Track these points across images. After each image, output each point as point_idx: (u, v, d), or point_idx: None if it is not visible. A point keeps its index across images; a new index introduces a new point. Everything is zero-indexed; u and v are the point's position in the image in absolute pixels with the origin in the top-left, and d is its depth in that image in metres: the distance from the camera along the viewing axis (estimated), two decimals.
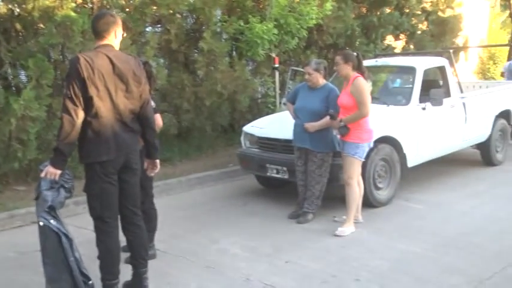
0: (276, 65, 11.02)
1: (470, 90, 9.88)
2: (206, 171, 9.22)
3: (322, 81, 6.69)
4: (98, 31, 4.34)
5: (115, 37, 4.36)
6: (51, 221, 4.14)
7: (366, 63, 8.84)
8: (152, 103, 4.81)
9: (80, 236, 4.58)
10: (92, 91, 4.08)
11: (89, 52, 4.31)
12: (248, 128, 8.08)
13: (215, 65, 10.17)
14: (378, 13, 13.75)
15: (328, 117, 6.38)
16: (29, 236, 5.72)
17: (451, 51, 9.63)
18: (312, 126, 6.52)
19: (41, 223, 4.13)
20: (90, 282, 4.31)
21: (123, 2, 9.13)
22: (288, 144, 7.08)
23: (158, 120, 5.28)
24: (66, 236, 4.19)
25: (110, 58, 4.20)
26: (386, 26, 13.72)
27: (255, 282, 4.93)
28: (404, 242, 5.85)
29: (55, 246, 4.17)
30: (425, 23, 15.39)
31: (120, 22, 4.44)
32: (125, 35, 4.64)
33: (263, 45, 10.28)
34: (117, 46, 4.40)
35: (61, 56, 8.48)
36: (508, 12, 23.78)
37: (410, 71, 8.21)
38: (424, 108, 7.73)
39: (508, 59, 13.56)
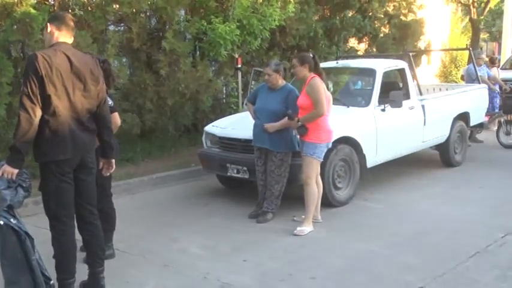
0: (239, 66, 11.05)
1: (430, 93, 10.03)
2: (168, 170, 9.20)
3: (281, 82, 6.74)
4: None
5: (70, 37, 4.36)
6: (11, 220, 4.08)
7: (327, 64, 8.96)
8: (110, 101, 4.80)
9: (39, 236, 4.52)
10: (50, 89, 4.05)
11: (47, 50, 4.27)
12: (209, 128, 8.08)
13: (178, 64, 10.15)
14: (341, 16, 13.85)
15: (286, 118, 6.44)
16: None
17: (411, 54, 9.78)
18: (272, 126, 6.57)
19: (1, 222, 4.06)
20: (51, 282, 4.28)
21: (85, 1, 9.04)
22: (249, 144, 7.11)
23: (116, 119, 5.24)
24: (28, 235, 4.14)
25: (67, 56, 4.17)
26: (348, 28, 13.83)
27: (213, 280, 4.95)
28: (362, 241, 5.92)
29: (15, 246, 4.10)
30: (388, 26, 15.57)
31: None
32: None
33: (226, 46, 10.28)
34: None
35: (21, 54, 8.38)
36: (468, 17, 24.23)
37: (370, 72, 8.31)
38: (383, 110, 7.83)
39: (468, 63, 13.81)
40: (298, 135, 6.34)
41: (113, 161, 4.67)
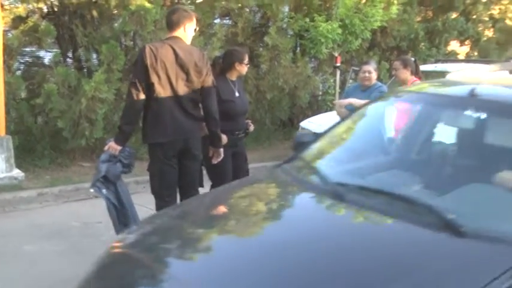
0: (338, 64, 11.17)
1: None
2: (263, 162, 9.45)
3: (374, 81, 6.81)
4: (169, 23, 4.72)
5: (184, 31, 4.68)
6: (103, 190, 4.53)
7: (426, 67, 8.93)
8: None
9: (140, 213, 4.89)
10: (154, 78, 4.48)
11: (157, 43, 4.79)
12: (305, 123, 8.26)
13: (278, 60, 10.42)
14: (444, 18, 13.70)
15: None
16: (92, 208, 6.21)
17: None
18: None
19: (92, 190, 4.55)
20: None
21: None
22: None
23: None
24: (115, 206, 4.56)
25: (174, 49, 4.54)
26: (450, 31, 13.66)
27: None
28: None
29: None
30: (492, 30, 15.25)
31: (193, 17, 4.77)
32: (197, 29, 4.96)
33: (327, 44, 10.45)
34: (187, 39, 4.72)
35: (132, 43, 8.88)
36: None
37: None
38: None
39: None
40: None
41: (222, 149, 5.00)
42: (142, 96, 4.49)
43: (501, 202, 2.82)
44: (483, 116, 3.36)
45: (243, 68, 5.61)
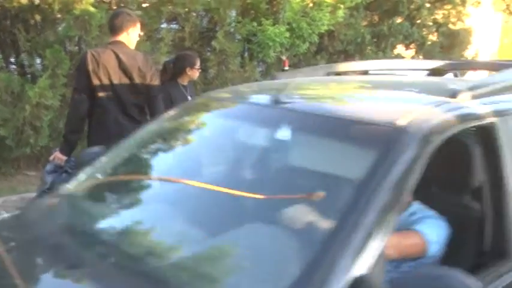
0: (286, 68, 11.20)
1: None
2: None
3: None
4: (112, 28, 4.69)
5: (127, 35, 4.63)
6: None
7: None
8: None
9: None
10: (96, 83, 4.43)
11: (99, 48, 4.76)
12: None
13: (226, 64, 10.39)
14: (389, 22, 13.91)
15: None
16: None
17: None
18: None
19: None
20: None
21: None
22: None
23: None
24: None
25: (116, 54, 4.50)
26: (396, 35, 13.88)
27: None
28: None
29: None
30: (436, 34, 15.56)
31: (137, 22, 4.73)
32: (141, 33, 4.91)
33: (274, 48, 10.47)
34: (130, 44, 4.67)
35: (77, 48, 8.73)
36: None
37: None
38: None
39: None
40: None
41: None
42: (85, 102, 4.43)
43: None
44: (284, 131, 2.54)
45: (195, 73, 5.60)
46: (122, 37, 4.60)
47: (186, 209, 2.56)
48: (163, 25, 10.26)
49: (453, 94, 2.48)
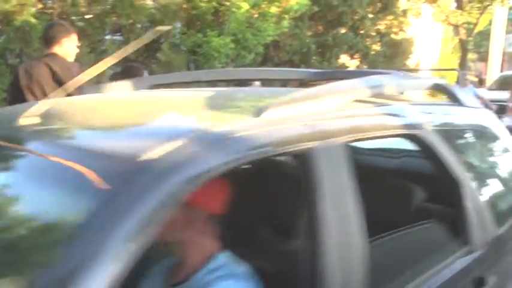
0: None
1: None
2: None
3: None
4: (46, 40, 4.58)
5: (61, 46, 4.53)
6: None
7: None
8: None
9: None
10: (30, 98, 4.30)
11: (33, 61, 4.63)
12: None
13: None
14: (334, 32, 14.09)
15: None
16: None
17: (401, 73, 9.98)
18: None
19: None
20: None
21: (84, 10, 9.21)
22: None
23: None
24: None
25: (50, 66, 4.38)
26: (340, 45, 14.08)
27: None
28: None
29: None
30: (379, 44, 15.83)
31: (71, 33, 4.62)
32: (78, 44, 4.78)
33: (220, 59, 10.46)
34: (66, 55, 4.56)
35: (18, 60, 8.52)
36: (458, 38, 24.60)
37: None
38: None
39: (456, 83, 14.05)
40: None
41: None
42: None
43: None
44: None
45: None
46: (56, 49, 4.48)
47: None
48: (108, 36, 10.13)
49: (258, 113, 1.93)
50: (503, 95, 13.88)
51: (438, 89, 3.06)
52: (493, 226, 2.72)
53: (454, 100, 3.05)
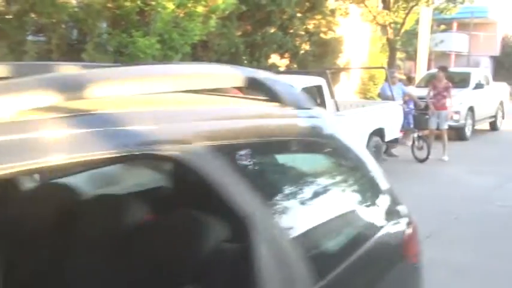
0: None
1: (347, 109, 10.32)
2: None
3: None
4: None
5: None
6: None
7: None
8: None
9: None
10: None
11: None
12: None
13: None
14: (262, 32, 14.10)
15: None
16: None
17: (328, 71, 10.07)
18: None
19: None
20: None
21: (2, 9, 8.89)
22: None
23: None
24: None
25: None
26: (270, 45, 14.11)
27: None
28: None
29: None
30: (308, 43, 15.95)
31: None
32: None
33: (146, 60, 10.29)
34: None
35: None
36: (386, 37, 25.02)
37: None
38: None
39: (385, 81, 14.27)
40: None
41: None
42: None
43: None
44: None
45: None
46: None
47: None
48: (29, 37, 9.83)
49: None
50: None
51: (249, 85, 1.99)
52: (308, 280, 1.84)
53: (273, 97, 2.03)
